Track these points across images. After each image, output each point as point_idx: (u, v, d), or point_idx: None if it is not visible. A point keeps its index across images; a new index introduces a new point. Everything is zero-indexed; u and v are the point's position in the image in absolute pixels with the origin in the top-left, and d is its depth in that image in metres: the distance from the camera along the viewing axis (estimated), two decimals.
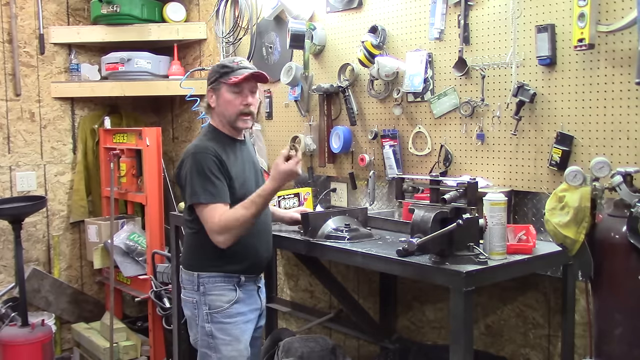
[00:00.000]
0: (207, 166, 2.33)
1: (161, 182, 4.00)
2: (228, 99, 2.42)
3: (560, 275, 2.41)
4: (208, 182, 2.32)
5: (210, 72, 2.49)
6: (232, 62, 2.46)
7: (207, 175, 2.32)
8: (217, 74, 2.45)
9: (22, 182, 4.17)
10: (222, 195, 2.33)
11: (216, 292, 2.40)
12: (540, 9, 2.41)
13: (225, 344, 2.40)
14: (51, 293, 4.23)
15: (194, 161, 2.35)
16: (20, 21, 4.11)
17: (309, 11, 3.35)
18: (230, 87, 2.41)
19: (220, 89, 2.44)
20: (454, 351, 1.95)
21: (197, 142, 2.44)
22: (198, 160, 2.34)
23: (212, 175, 2.32)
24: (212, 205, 2.31)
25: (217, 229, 2.30)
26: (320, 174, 3.43)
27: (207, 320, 2.40)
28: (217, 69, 2.47)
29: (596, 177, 1.88)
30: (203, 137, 2.46)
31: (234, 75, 2.41)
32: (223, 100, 2.43)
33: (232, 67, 2.43)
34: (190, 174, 2.34)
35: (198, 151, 2.37)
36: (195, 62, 4.35)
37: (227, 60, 2.51)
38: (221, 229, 2.30)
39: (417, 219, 2.13)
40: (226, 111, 2.44)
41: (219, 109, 2.46)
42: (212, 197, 2.31)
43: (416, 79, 2.81)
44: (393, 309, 3.15)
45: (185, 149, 2.45)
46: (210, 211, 2.31)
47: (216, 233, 2.31)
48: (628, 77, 2.18)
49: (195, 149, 2.39)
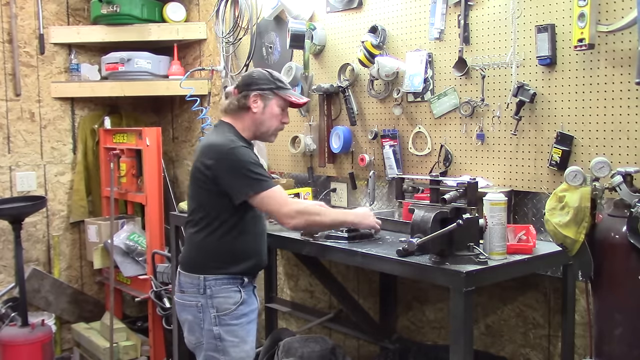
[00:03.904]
0: (250, 157, 2.34)
1: (161, 182, 4.00)
2: (275, 113, 2.47)
3: (560, 275, 2.41)
4: (257, 171, 2.32)
5: (259, 78, 2.47)
6: (282, 78, 2.54)
7: (254, 165, 2.33)
8: (273, 85, 2.46)
9: (22, 182, 4.17)
10: (271, 180, 2.38)
11: (223, 294, 2.39)
12: (540, 9, 2.41)
13: (234, 346, 2.39)
14: (51, 293, 4.23)
15: (236, 155, 2.32)
16: (20, 21, 4.11)
17: (309, 11, 3.35)
18: (282, 102, 2.48)
19: (271, 99, 2.46)
20: (454, 351, 1.95)
21: (226, 139, 2.38)
22: (240, 154, 2.32)
23: (257, 164, 2.34)
24: (275, 189, 2.33)
25: (297, 208, 2.34)
26: (320, 174, 3.43)
27: (215, 323, 2.38)
28: (270, 78, 2.48)
29: (596, 177, 1.88)
30: (228, 134, 2.42)
31: (292, 95, 2.51)
32: (270, 111, 2.46)
33: (285, 83, 2.53)
34: (236, 169, 2.31)
35: (237, 145, 2.35)
36: (195, 62, 4.35)
37: (277, 74, 2.54)
38: (302, 210, 2.35)
39: (417, 219, 2.13)
40: (268, 122, 2.47)
41: (260, 117, 2.46)
42: (267, 183, 2.33)
43: (416, 79, 2.81)
44: (393, 309, 3.15)
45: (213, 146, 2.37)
46: (275, 194, 2.32)
47: (294, 212, 2.32)
48: (628, 77, 2.18)
49: (231, 143, 2.35)
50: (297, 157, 3.54)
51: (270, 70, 2.54)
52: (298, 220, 2.33)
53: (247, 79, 2.49)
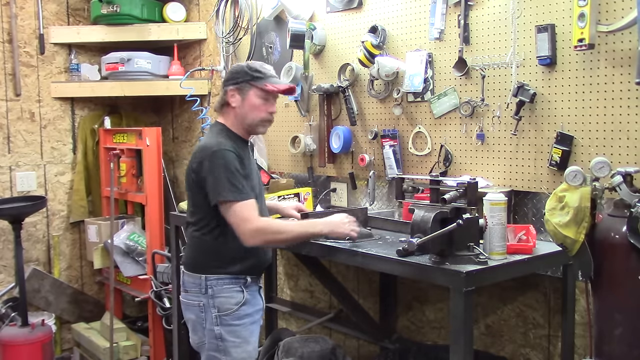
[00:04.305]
0: (232, 163, 2.30)
1: (161, 182, 4.00)
2: (255, 104, 2.41)
3: (560, 275, 2.41)
4: (235, 179, 2.29)
5: (236, 72, 2.44)
6: (262, 68, 2.45)
7: (233, 172, 2.29)
8: (248, 76, 2.41)
9: (22, 182, 4.17)
10: (249, 192, 2.32)
11: (225, 294, 2.38)
12: (540, 9, 2.41)
13: (235, 346, 2.39)
14: (51, 293, 4.23)
15: (219, 159, 2.30)
16: (20, 21, 4.11)
17: (309, 11, 3.35)
18: (261, 92, 2.41)
19: (248, 91, 2.41)
20: (454, 351, 1.95)
21: (214, 140, 2.37)
22: (223, 158, 2.30)
23: (237, 173, 2.30)
24: (242, 203, 2.28)
25: (254, 227, 2.27)
26: (320, 174, 3.43)
27: (217, 323, 2.38)
28: (247, 70, 2.43)
29: (596, 177, 1.88)
30: (218, 136, 2.41)
31: (270, 83, 2.41)
32: (249, 103, 2.41)
33: (264, 72, 2.43)
34: (215, 172, 2.29)
35: (221, 148, 2.32)
36: (195, 62, 4.35)
37: (256, 64, 2.47)
38: (259, 230, 2.28)
39: (417, 219, 2.13)
40: (250, 114, 2.42)
41: (241, 111, 2.43)
42: (240, 194, 2.29)
43: (416, 79, 2.81)
44: (393, 309, 3.15)
45: (201, 148, 2.38)
46: (241, 208, 2.28)
47: (250, 231, 2.27)
48: (628, 77, 2.18)
49: (217, 146, 2.33)
50: (297, 157, 3.54)
51: (251, 62, 2.50)
52: (255, 240, 2.29)
53: (227, 75, 2.48)
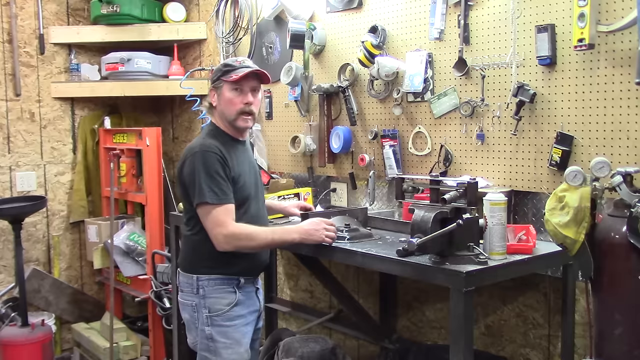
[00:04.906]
0: (212, 165, 2.30)
1: (161, 182, 4.00)
2: (229, 98, 2.40)
3: (560, 275, 2.41)
4: (214, 182, 2.29)
5: (214, 72, 2.48)
6: (235, 61, 2.44)
7: (213, 175, 2.29)
8: (220, 72, 2.43)
9: (22, 182, 4.17)
10: (228, 196, 2.31)
11: (216, 294, 2.38)
12: (540, 9, 2.41)
13: (226, 347, 2.38)
14: (51, 293, 4.23)
15: (199, 160, 2.31)
16: (20, 21, 4.11)
17: (309, 11, 3.35)
18: (232, 85, 2.39)
19: (221, 87, 2.42)
20: (454, 351, 1.94)
21: (199, 141, 2.40)
22: (203, 159, 2.30)
23: (217, 175, 2.30)
24: (219, 207, 2.28)
25: (226, 233, 2.28)
26: (320, 174, 3.43)
27: (207, 324, 2.38)
28: (220, 67, 2.46)
29: (596, 177, 1.88)
30: (205, 136, 2.42)
31: (233, 73, 2.39)
32: (224, 98, 2.41)
33: (234, 65, 2.42)
34: (195, 173, 2.30)
35: (202, 150, 2.33)
36: (195, 62, 4.35)
37: (230, 60, 2.49)
38: (230, 235, 2.28)
39: (417, 219, 2.13)
40: (227, 110, 2.41)
41: (220, 108, 2.44)
42: (217, 198, 2.29)
43: (416, 79, 2.81)
44: (393, 309, 3.15)
45: (187, 148, 2.42)
46: (217, 212, 2.28)
47: (222, 236, 2.28)
48: (628, 77, 2.17)
49: (199, 147, 2.34)
50: (297, 157, 3.54)
51: (228, 59, 2.51)
52: (226, 246, 2.30)
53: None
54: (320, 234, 2.35)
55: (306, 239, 2.35)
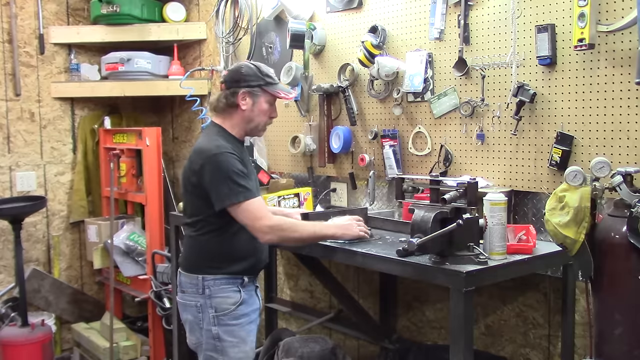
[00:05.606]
0: (235, 165, 2.30)
1: (161, 182, 4.00)
2: (264, 109, 2.44)
3: (560, 275, 2.41)
4: (240, 180, 2.29)
5: (247, 74, 2.41)
6: (271, 72, 2.47)
7: (237, 174, 2.29)
8: (262, 81, 2.42)
9: (22, 182, 4.16)
10: (254, 191, 2.34)
11: (222, 294, 2.38)
12: (540, 9, 2.41)
13: (233, 346, 2.39)
14: (51, 293, 4.23)
15: (220, 162, 2.29)
16: (20, 21, 4.11)
17: (309, 11, 3.35)
18: (271, 98, 2.44)
19: (259, 95, 2.42)
20: (454, 351, 1.94)
21: (212, 143, 2.36)
22: (224, 161, 2.29)
23: (242, 173, 2.30)
24: (253, 202, 2.30)
25: (270, 224, 2.29)
26: (320, 174, 3.43)
27: (214, 323, 2.38)
28: (259, 74, 2.42)
29: (596, 177, 1.88)
30: (216, 138, 2.39)
31: (281, 91, 2.45)
32: (260, 108, 2.43)
33: (274, 78, 2.47)
34: (218, 176, 2.28)
35: (221, 151, 2.31)
36: (195, 62, 4.35)
37: (265, 68, 2.47)
38: (275, 226, 2.30)
39: (417, 219, 2.13)
40: (257, 118, 2.44)
41: (249, 114, 2.43)
42: (250, 194, 2.29)
43: (416, 79, 2.81)
44: (393, 309, 3.15)
45: (197, 151, 2.37)
46: (253, 207, 2.29)
47: (267, 227, 2.28)
48: (628, 77, 2.17)
49: (216, 149, 2.32)
50: (297, 157, 3.54)
51: (258, 64, 2.49)
52: (271, 237, 2.31)
53: (235, 75, 2.44)
54: (356, 230, 2.40)
55: (345, 233, 2.39)
